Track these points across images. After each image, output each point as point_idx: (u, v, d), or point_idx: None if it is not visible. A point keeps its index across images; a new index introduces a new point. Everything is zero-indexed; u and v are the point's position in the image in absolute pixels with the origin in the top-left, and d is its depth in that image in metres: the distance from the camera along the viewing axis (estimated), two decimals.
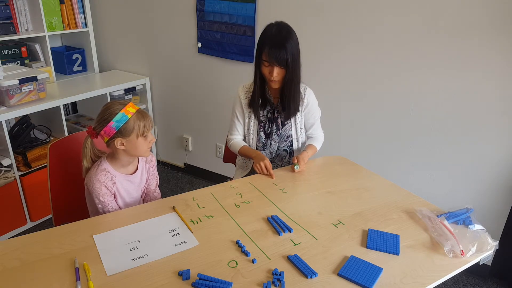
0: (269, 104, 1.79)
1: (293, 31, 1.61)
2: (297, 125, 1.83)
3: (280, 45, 1.56)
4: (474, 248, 1.21)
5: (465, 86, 2.03)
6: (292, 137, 1.84)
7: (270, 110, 1.80)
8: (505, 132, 2.00)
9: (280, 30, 1.60)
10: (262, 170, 1.67)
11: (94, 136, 1.41)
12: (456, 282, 2.25)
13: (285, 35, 1.58)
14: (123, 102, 1.42)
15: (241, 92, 1.81)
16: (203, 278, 1.08)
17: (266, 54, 1.59)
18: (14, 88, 2.28)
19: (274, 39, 1.58)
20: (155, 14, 2.92)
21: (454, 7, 1.94)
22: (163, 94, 3.18)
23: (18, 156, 2.44)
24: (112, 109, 1.38)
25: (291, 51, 1.57)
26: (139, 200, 1.62)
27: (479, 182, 2.15)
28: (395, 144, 2.33)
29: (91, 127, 1.41)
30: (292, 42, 1.58)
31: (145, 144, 1.44)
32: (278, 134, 1.82)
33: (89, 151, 1.45)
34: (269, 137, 1.83)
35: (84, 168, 1.46)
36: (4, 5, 2.59)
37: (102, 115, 1.39)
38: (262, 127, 1.82)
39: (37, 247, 1.19)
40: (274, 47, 1.57)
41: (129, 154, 1.46)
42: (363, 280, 1.09)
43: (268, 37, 1.60)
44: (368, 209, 1.45)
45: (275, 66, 1.59)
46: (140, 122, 1.40)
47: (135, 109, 1.41)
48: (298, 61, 1.63)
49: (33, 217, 2.57)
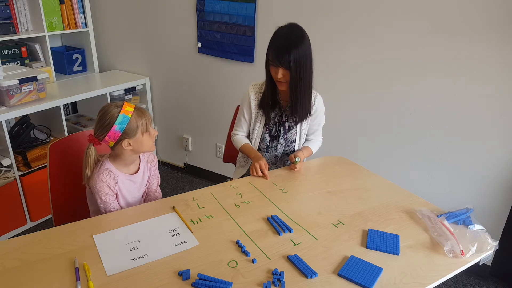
0: (278, 107, 1.78)
1: (304, 35, 1.60)
2: (302, 131, 1.82)
3: (285, 46, 1.56)
4: (474, 248, 1.21)
5: (465, 86, 2.03)
6: (295, 142, 1.83)
7: (279, 113, 1.78)
8: (505, 132, 2.00)
9: (289, 32, 1.60)
10: (257, 170, 1.65)
11: (97, 143, 1.39)
12: (456, 282, 2.25)
13: (293, 37, 1.57)
14: (118, 103, 1.40)
15: (251, 91, 1.80)
16: (203, 278, 1.08)
17: (271, 55, 1.60)
18: (14, 88, 2.28)
19: (281, 40, 1.59)
20: (155, 14, 2.92)
21: (454, 7, 1.94)
22: (163, 94, 3.18)
23: (18, 156, 2.44)
24: (111, 113, 1.37)
25: (296, 54, 1.55)
26: (140, 200, 1.62)
27: (479, 182, 2.15)
28: (395, 144, 2.33)
29: (92, 135, 1.39)
30: (299, 45, 1.56)
31: (150, 139, 1.45)
32: (285, 138, 1.81)
33: (93, 160, 1.43)
34: (275, 140, 1.82)
35: (86, 176, 1.44)
36: (4, 5, 2.59)
37: (102, 120, 1.37)
38: (268, 129, 1.81)
39: (37, 247, 1.19)
40: (278, 48, 1.58)
41: (136, 152, 1.46)
42: (363, 280, 1.09)
43: (276, 38, 1.61)
44: (368, 209, 1.45)
45: (279, 67, 1.59)
46: (141, 119, 1.41)
47: (132, 108, 1.40)
48: (306, 65, 1.60)
49: (33, 217, 2.57)
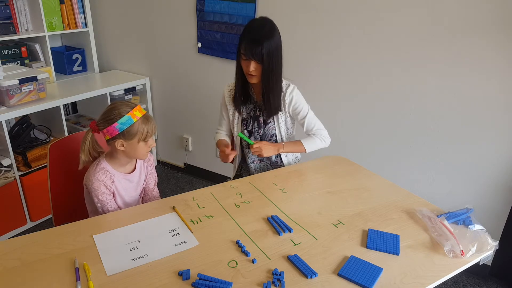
0: (252, 102, 1.80)
1: (274, 28, 1.62)
2: (280, 124, 1.79)
3: (257, 39, 1.57)
4: (474, 248, 1.21)
5: (466, 86, 2.03)
6: (276, 137, 1.82)
7: (253, 108, 1.80)
8: (505, 132, 2.00)
9: (261, 25, 1.61)
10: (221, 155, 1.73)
11: (96, 131, 1.41)
12: (456, 282, 2.25)
13: (264, 30, 1.59)
14: (131, 104, 1.41)
15: (226, 89, 1.84)
16: (203, 278, 1.08)
17: (243, 48, 1.61)
18: (14, 88, 2.28)
19: (253, 34, 1.60)
20: (155, 14, 2.92)
21: (454, 6, 1.94)
22: (163, 94, 3.18)
23: (18, 156, 2.44)
24: (119, 110, 1.38)
25: (268, 47, 1.57)
26: (138, 199, 1.62)
27: (479, 182, 2.15)
28: (395, 144, 2.33)
29: (95, 122, 1.41)
30: (271, 39, 1.58)
31: (144, 148, 1.45)
32: (260, 133, 1.81)
33: (88, 145, 1.44)
34: (251, 135, 1.83)
35: (81, 160, 1.45)
36: (4, 5, 2.59)
37: (108, 114, 1.39)
38: (245, 125, 1.83)
39: (37, 247, 1.19)
40: (251, 42, 1.58)
41: (127, 155, 1.47)
42: (363, 280, 1.09)
43: (248, 31, 1.62)
44: (368, 209, 1.45)
45: (251, 60, 1.60)
46: (144, 127, 1.41)
47: (141, 114, 1.41)
48: (277, 57, 1.63)
49: (33, 217, 2.57)
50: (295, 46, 2.42)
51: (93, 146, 1.46)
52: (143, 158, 1.52)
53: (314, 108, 1.79)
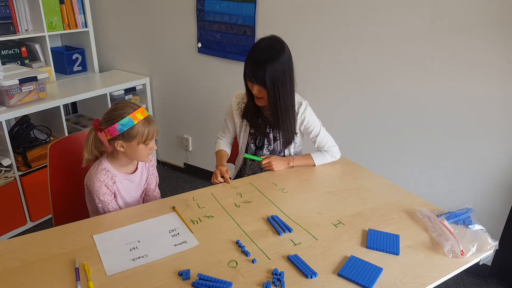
0: (261, 118, 1.73)
1: (283, 51, 1.51)
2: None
3: (260, 62, 1.48)
4: (474, 248, 1.21)
5: (465, 86, 2.03)
6: (284, 152, 1.80)
7: (262, 123, 1.74)
8: (505, 132, 2.00)
9: (268, 46, 1.52)
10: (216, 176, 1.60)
11: (98, 130, 1.41)
12: (456, 282, 2.25)
13: (270, 54, 1.49)
14: (134, 106, 1.40)
15: (234, 100, 1.76)
16: (203, 278, 1.08)
17: (247, 68, 1.54)
18: (14, 88, 2.28)
19: (257, 56, 1.51)
20: (155, 14, 2.92)
21: (454, 6, 1.94)
22: (163, 94, 3.18)
23: (18, 156, 2.44)
24: (121, 111, 1.37)
25: (272, 71, 1.47)
26: (139, 200, 1.62)
27: (479, 182, 2.15)
28: (395, 144, 2.32)
29: (98, 121, 1.41)
30: (275, 62, 1.47)
31: (144, 151, 1.44)
32: (270, 148, 1.78)
33: (91, 143, 1.44)
34: (260, 150, 1.79)
35: (85, 158, 1.45)
36: (4, 5, 2.59)
37: (110, 114, 1.39)
38: (253, 139, 1.79)
39: (37, 247, 1.19)
40: (254, 64, 1.50)
41: (127, 157, 1.47)
42: (363, 280, 1.09)
43: (253, 52, 1.53)
44: (368, 209, 1.45)
45: (255, 84, 1.53)
46: (144, 130, 1.40)
47: (143, 116, 1.40)
48: (283, 82, 1.51)
49: (33, 217, 2.57)
50: (295, 46, 2.40)
51: (95, 145, 1.46)
52: (143, 161, 1.52)
53: (314, 108, 1.79)
